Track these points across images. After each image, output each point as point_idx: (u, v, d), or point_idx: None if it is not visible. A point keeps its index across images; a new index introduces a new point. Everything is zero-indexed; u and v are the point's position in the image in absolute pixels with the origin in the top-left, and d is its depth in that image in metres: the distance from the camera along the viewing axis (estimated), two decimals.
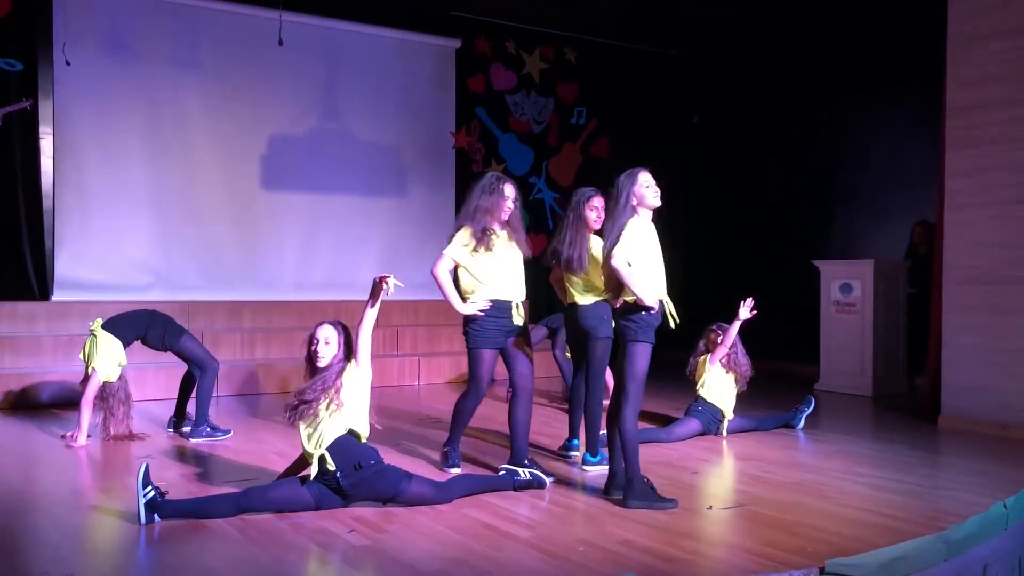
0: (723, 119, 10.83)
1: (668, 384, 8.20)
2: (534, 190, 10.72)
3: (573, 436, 5.31)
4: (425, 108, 10.05)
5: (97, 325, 5.44)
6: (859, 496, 4.31)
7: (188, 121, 8.75)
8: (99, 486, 4.48)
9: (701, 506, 4.16)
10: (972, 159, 6.21)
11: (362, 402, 3.96)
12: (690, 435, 5.72)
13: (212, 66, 8.85)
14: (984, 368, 6.15)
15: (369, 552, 3.35)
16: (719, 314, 6.26)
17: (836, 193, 9.69)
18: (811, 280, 8.63)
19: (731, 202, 10.71)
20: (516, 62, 10.56)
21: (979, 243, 6.21)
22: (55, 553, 3.32)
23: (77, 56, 8.09)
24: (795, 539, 3.54)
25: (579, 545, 3.44)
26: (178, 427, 5.79)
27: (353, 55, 9.56)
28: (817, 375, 8.42)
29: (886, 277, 8.14)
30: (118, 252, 8.40)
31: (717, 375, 5.92)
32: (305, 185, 9.31)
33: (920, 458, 5.33)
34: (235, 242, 8.99)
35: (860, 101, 9.43)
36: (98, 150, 8.32)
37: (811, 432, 6.08)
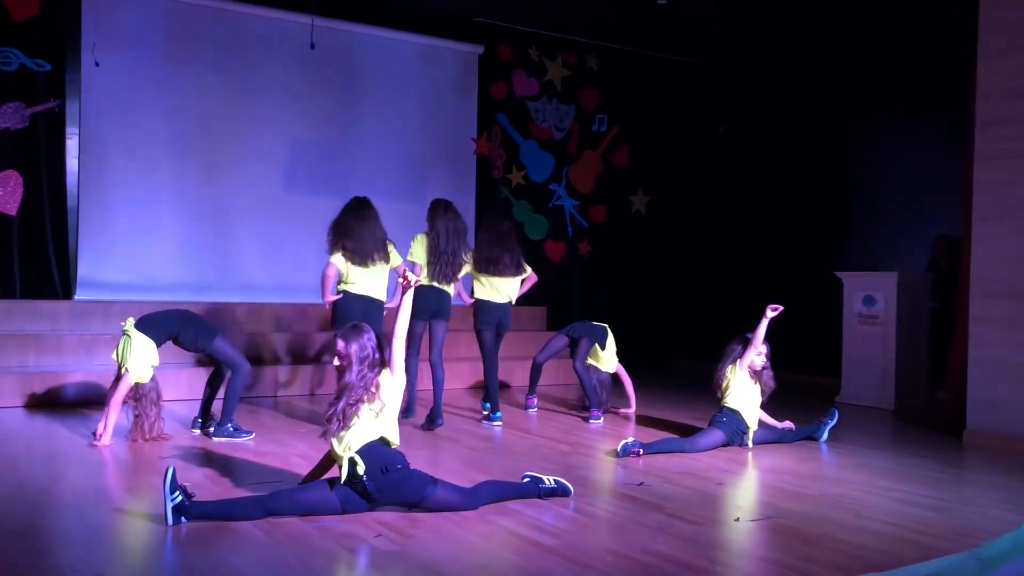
0: (746, 130, 10.80)
1: (691, 395, 8.19)
2: (554, 197, 10.71)
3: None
4: (447, 114, 10.06)
5: (130, 325, 5.46)
6: (885, 510, 4.27)
7: (212, 124, 8.79)
8: (125, 486, 4.50)
9: (728, 518, 4.14)
10: (1000, 172, 6.16)
11: (394, 410, 3.96)
12: (713, 446, 5.68)
13: (237, 69, 8.89)
14: (1010, 383, 6.10)
15: (395, 557, 3.34)
16: (742, 325, 6.22)
17: (859, 205, 9.65)
18: (833, 292, 8.59)
19: (754, 213, 10.67)
20: (538, 69, 10.57)
21: (1006, 257, 6.16)
22: (84, 552, 3.33)
23: (104, 57, 8.16)
24: (824, 552, 3.52)
25: (606, 555, 3.43)
26: (205, 427, 5.81)
27: (376, 60, 9.59)
28: (838, 387, 8.37)
29: (909, 290, 8.09)
30: (141, 253, 8.44)
31: (743, 382, 5.85)
32: (327, 189, 9.30)
33: (946, 473, 5.28)
34: (257, 245, 9.02)
35: (884, 113, 9.40)
36: (123, 151, 8.37)
37: (834, 445, 6.04)
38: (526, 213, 10.51)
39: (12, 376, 6.84)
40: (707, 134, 11.16)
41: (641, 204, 11.27)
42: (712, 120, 11.10)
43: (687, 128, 11.34)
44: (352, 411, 3.85)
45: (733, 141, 10.92)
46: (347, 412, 3.85)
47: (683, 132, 11.33)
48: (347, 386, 3.89)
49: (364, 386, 3.88)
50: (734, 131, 10.91)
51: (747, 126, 10.78)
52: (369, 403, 3.87)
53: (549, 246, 10.67)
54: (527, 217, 10.52)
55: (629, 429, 6.53)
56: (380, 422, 3.89)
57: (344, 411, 3.85)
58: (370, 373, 3.92)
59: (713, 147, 11.14)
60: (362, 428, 3.85)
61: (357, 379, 3.89)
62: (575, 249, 10.83)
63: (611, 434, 6.29)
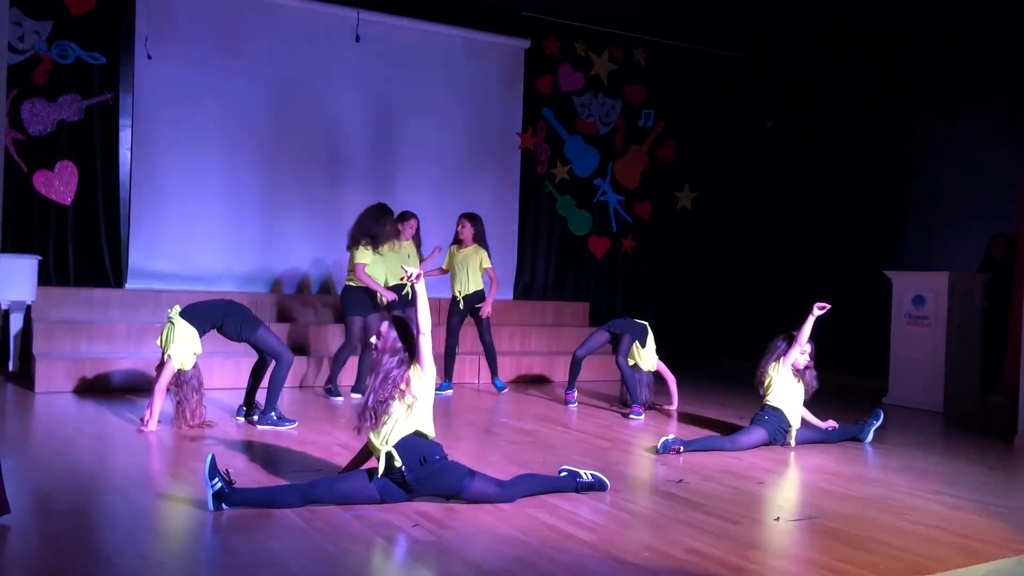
0: (795, 125, 10.64)
1: (735, 393, 8.10)
2: (599, 192, 10.67)
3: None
4: (492, 108, 10.07)
5: (175, 313, 5.55)
6: (931, 513, 4.18)
7: (261, 116, 8.92)
8: (169, 471, 4.58)
9: (768, 517, 4.08)
10: None
11: (428, 404, 3.97)
12: (755, 444, 5.61)
13: (286, 62, 9.00)
14: None
15: (433, 548, 3.35)
16: (788, 323, 6.13)
17: (910, 202, 9.45)
18: (882, 291, 8.43)
19: (802, 210, 10.52)
20: (584, 63, 10.53)
21: None
22: (127, 535, 3.39)
23: (156, 50, 8.32)
24: (867, 555, 3.45)
25: (643, 551, 3.40)
26: (249, 416, 5.89)
27: (422, 54, 9.63)
28: (885, 388, 8.22)
29: (961, 290, 7.90)
30: (190, 243, 8.59)
31: (787, 380, 5.76)
32: (371, 182, 9.40)
33: (995, 477, 5.16)
34: (304, 237, 9.13)
35: (937, 108, 9.18)
36: (173, 143, 8.53)
37: (879, 446, 5.93)
38: (570, 208, 10.49)
39: (63, 361, 7.00)
40: (755, 129, 11.01)
41: (687, 200, 11.18)
42: (760, 115, 10.95)
43: (734, 123, 11.21)
44: (382, 408, 3.87)
45: (781, 136, 10.77)
46: (377, 409, 3.87)
47: (730, 127, 11.21)
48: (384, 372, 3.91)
49: (393, 382, 3.89)
50: (783, 126, 10.74)
51: (796, 121, 10.62)
52: (400, 399, 3.88)
53: (593, 242, 10.63)
54: (571, 212, 10.50)
55: (671, 426, 6.48)
56: (414, 416, 3.90)
57: (375, 408, 3.87)
58: (397, 369, 3.92)
59: (761, 142, 10.99)
60: (397, 423, 3.86)
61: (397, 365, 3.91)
62: (619, 245, 10.78)
63: (652, 431, 6.25)
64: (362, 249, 7.06)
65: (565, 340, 9.32)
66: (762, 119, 10.85)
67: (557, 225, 10.44)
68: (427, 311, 3.94)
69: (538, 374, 8.75)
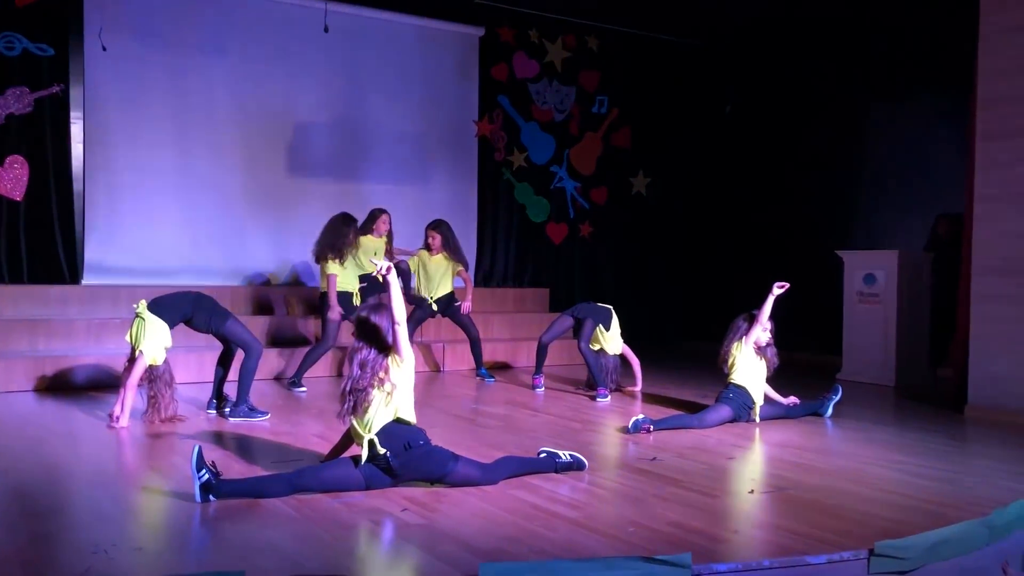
0: (750, 111, 10.83)
1: (694, 374, 8.29)
2: (556, 179, 10.76)
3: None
4: (448, 96, 10.09)
5: (143, 307, 5.51)
6: (895, 482, 4.37)
7: (216, 107, 8.82)
8: (149, 466, 4.56)
9: (742, 490, 4.23)
10: (1003, 151, 6.24)
11: (408, 391, 4.03)
12: (721, 421, 5.77)
13: (240, 53, 8.91)
14: (1011, 359, 6.20)
15: (424, 530, 3.42)
16: (744, 305, 6.30)
17: (860, 184, 9.72)
18: (835, 271, 8.68)
19: (756, 193, 10.73)
20: (539, 51, 10.59)
21: (1008, 234, 6.25)
22: (118, 528, 3.40)
23: (108, 41, 8.16)
24: (840, 522, 3.61)
25: (628, 525, 3.51)
26: (220, 408, 5.88)
27: (377, 43, 9.61)
28: (839, 365, 8.47)
29: (910, 268, 8.18)
30: (147, 237, 8.48)
31: (749, 359, 5.93)
32: (330, 172, 9.38)
33: (951, 446, 5.39)
34: (261, 228, 9.07)
35: (888, 94, 9.43)
36: (127, 135, 8.40)
37: (839, 420, 6.14)
38: (528, 195, 10.57)
39: (23, 360, 6.89)
40: (709, 115, 11.20)
41: (642, 185, 11.33)
42: (714, 101, 11.14)
43: (689, 109, 11.38)
44: (362, 396, 3.91)
45: (736, 122, 10.96)
46: (356, 396, 3.92)
47: (685, 113, 11.37)
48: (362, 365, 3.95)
49: (372, 371, 3.94)
50: (738, 112, 10.94)
51: (750, 107, 10.82)
52: (379, 387, 3.93)
53: (551, 228, 10.73)
54: (529, 199, 10.59)
55: (636, 407, 6.62)
56: (394, 403, 3.95)
57: (353, 394, 3.92)
58: (375, 358, 3.97)
59: (717, 128, 11.17)
60: (378, 411, 3.91)
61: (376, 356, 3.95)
62: (577, 231, 10.90)
63: (619, 411, 6.38)
64: (330, 262, 7.11)
65: (527, 326, 9.43)
66: (719, 105, 11.02)
67: (516, 212, 10.51)
68: (401, 302, 3.98)
69: (501, 361, 8.83)
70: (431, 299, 7.78)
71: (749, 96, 10.78)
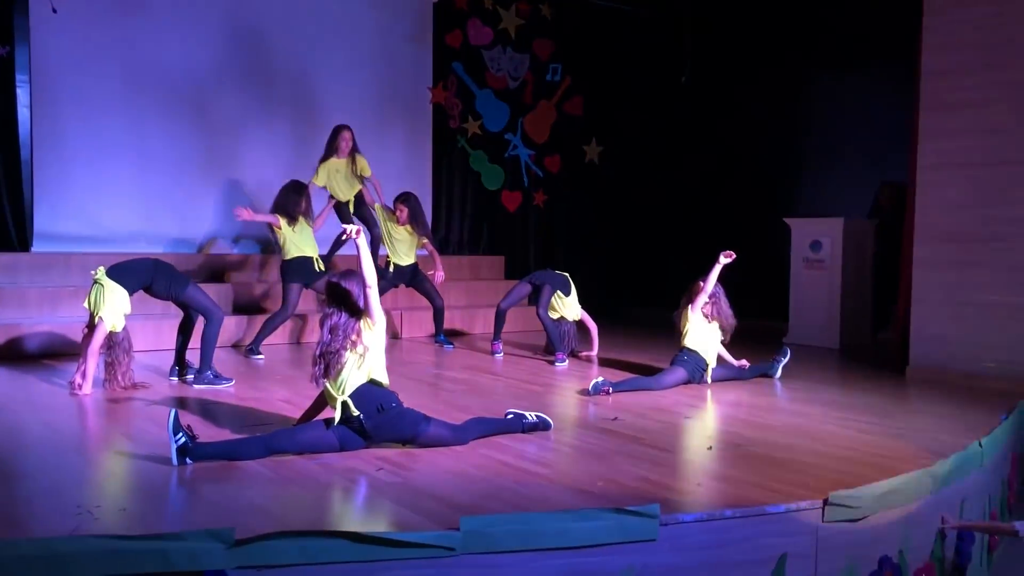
0: (703, 79, 10.97)
1: (646, 339, 8.50)
2: (510, 147, 10.83)
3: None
4: (403, 63, 10.06)
5: (101, 274, 5.47)
6: (845, 437, 4.60)
7: (168, 71, 8.67)
8: (119, 431, 4.57)
9: (701, 447, 4.42)
10: (946, 121, 6.49)
11: (380, 354, 4.11)
12: (676, 383, 5.97)
13: (193, 16, 8.76)
14: (950, 321, 6.50)
15: (402, 488, 3.53)
16: (694, 270, 6.49)
17: (807, 153, 9.97)
18: (782, 238, 8.93)
19: (706, 162, 10.90)
20: (493, 17, 10.60)
21: (949, 203, 6.52)
22: (99, 490, 3.45)
23: (55, 2, 7.95)
24: (795, 475, 3.81)
25: (597, 480, 3.66)
26: (182, 375, 5.88)
27: (331, 8, 9.52)
28: (786, 329, 8.75)
29: (854, 235, 8.47)
30: (98, 204, 8.33)
31: (699, 324, 6.13)
32: (284, 139, 9.32)
33: (894, 404, 5.66)
34: (215, 195, 8.98)
35: (833, 63, 9.65)
36: (77, 100, 8.21)
37: (787, 381, 6.38)
38: (483, 163, 10.62)
39: None
40: (663, 84, 11.31)
41: (594, 154, 11.46)
42: (668, 70, 11.25)
43: (642, 78, 11.49)
44: (334, 359, 3.99)
45: (688, 91, 11.09)
46: (329, 361, 4.00)
47: (638, 82, 11.48)
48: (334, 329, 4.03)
49: (344, 333, 4.02)
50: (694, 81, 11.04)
51: (704, 76, 10.96)
52: (352, 350, 4.01)
53: (505, 196, 10.81)
54: (484, 167, 10.64)
55: (593, 371, 6.78)
56: (367, 365, 4.04)
57: (325, 357, 4.00)
58: (347, 321, 4.05)
59: (668, 97, 11.30)
60: (352, 373, 4.00)
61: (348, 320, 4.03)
62: (531, 199, 11.00)
63: (577, 375, 6.55)
64: (284, 227, 7.08)
65: (484, 294, 9.53)
66: (673, 74, 11.12)
67: (471, 180, 10.57)
68: (371, 264, 4.06)
69: (458, 328, 8.93)
70: (392, 264, 7.89)
71: (702, 65, 10.93)
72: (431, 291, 8.01)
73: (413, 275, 7.97)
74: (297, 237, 7.11)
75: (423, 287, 8.02)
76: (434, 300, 8.04)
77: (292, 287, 7.14)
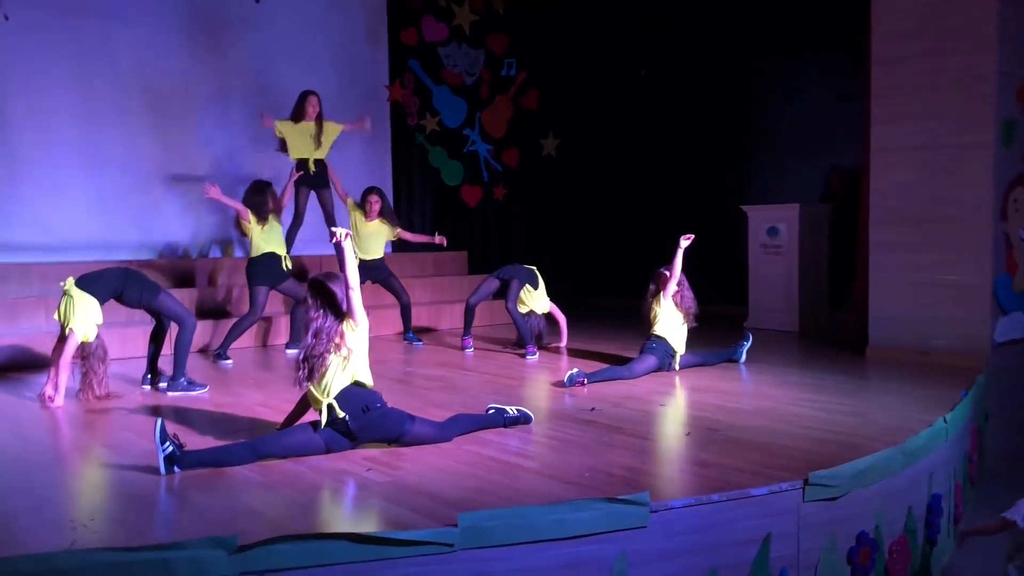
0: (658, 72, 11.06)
1: (611, 328, 8.61)
2: (468, 142, 10.86)
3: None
4: (359, 61, 10.03)
5: (70, 284, 5.41)
6: (814, 418, 4.75)
7: (121, 74, 8.56)
8: (99, 442, 4.53)
9: (679, 433, 4.53)
10: (896, 107, 6.69)
11: (364, 355, 4.15)
12: (648, 371, 6.09)
13: (146, 21, 8.64)
14: (906, 301, 6.71)
15: (393, 487, 3.57)
16: (655, 259, 6.61)
17: (762, 140, 10.16)
18: (740, 225, 9.10)
19: (664, 152, 11.05)
20: (446, 14, 10.62)
21: (901, 185, 6.73)
22: (90, 503, 3.44)
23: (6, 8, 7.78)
24: (773, 457, 3.93)
25: (584, 471, 3.75)
26: (155, 383, 5.84)
27: (285, 9, 9.45)
28: (746, 314, 8.94)
29: (810, 220, 8.67)
30: (54, 212, 8.19)
31: (669, 311, 6.25)
32: (242, 141, 9.24)
33: (857, 384, 5.85)
34: (174, 199, 8.89)
35: (784, 52, 9.82)
36: (28, 108, 8.06)
37: (752, 365, 6.54)
38: (442, 159, 10.65)
39: None
40: (618, 76, 11.42)
41: (552, 147, 11.55)
42: (623, 62, 11.35)
43: (597, 71, 11.59)
44: (318, 362, 4.02)
45: (644, 83, 11.20)
46: (312, 362, 4.03)
47: (593, 75, 11.58)
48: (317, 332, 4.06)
49: (328, 336, 4.04)
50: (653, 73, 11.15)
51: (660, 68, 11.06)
52: (336, 352, 4.04)
53: (466, 191, 10.86)
54: (443, 163, 10.67)
55: (563, 362, 6.88)
56: (351, 367, 4.08)
57: (309, 361, 4.03)
58: (330, 324, 4.08)
59: (624, 89, 11.42)
60: (336, 375, 4.03)
61: (332, 324, 4.05)
62: (491, 194, 11.06)
63: (549, 367, 6.64)
64: (253, 223, 7.04)
65: (448, 289, 9.57)
66: (627, 66, 11.22)
67: (430, 176, 10.59)
68: (355, 267, 4.10)
69: (425, 325, 8.96)
70: (358, 258, 7.86)
71: (660, 57, 11.04)
72: (397, 287, 8.03)
73: (380, 270, 7.98)
74: (266, 235, 7.07)
75: (389, 283, 8.03)
76: (400, 296, 8.06)
77: (259, 290, 7.11)
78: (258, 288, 7.10)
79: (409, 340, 8.02)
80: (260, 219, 7.02)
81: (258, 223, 7.01)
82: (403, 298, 8.05)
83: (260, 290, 7.10)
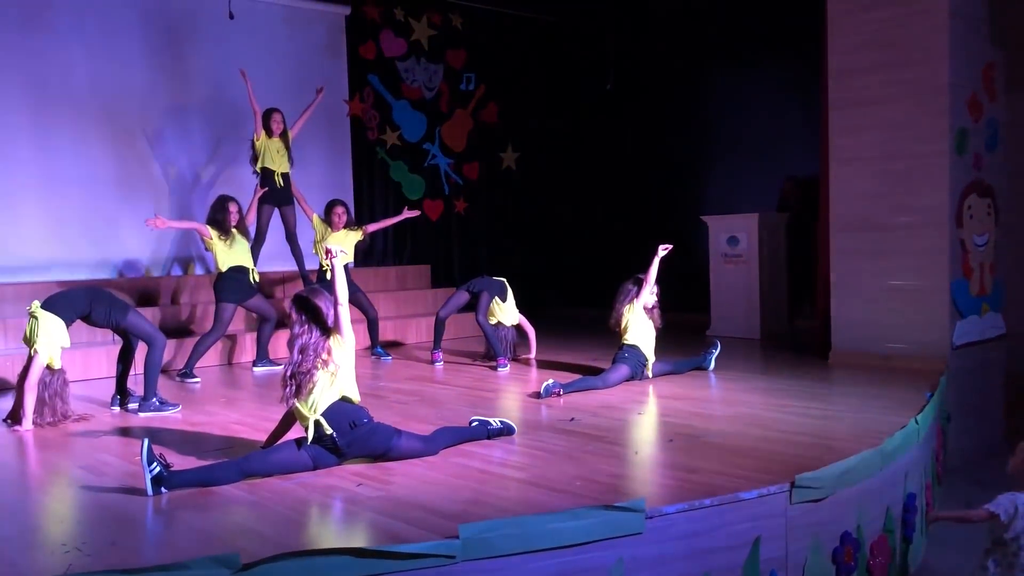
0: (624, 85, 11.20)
1: (577, 338, 8.68)
2: (429, 156, 10.88)
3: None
4: (318, 76, 9.91)
5: (36, 307, 5.30)
6: (789, 423, 4.85)
7: (77, 91, 8.42)
8: (76, 465, 4.43)
9: (661, 440, 4.59)
10: (853, 118, 6.87)
11: (350, 370, 4.14)
12: (621, 380, 6.15)
13: (100, 34, 8.52)
14: (866, 306, 6.87)
15: (387, 501, 3.57)
16: (620, 270, 6.69)
17: (719, 151, 10.35)
18: (700, 235, 9.25)
19: (624, 164, 11.18)
20: (405, 29, 10.64)
21: (860, 194, 6.90)
22: (78, 526, 3.37)
23: None
24: (755, 461, 4.01)
25: (574, 480, 3.78)
26: (124, 404, 5.74)
27: (243, 24, 9.38)
28: (708, 323, 9.08)
29: (768, 228, 8.85)
30: (7, 231, 8.03)
31: (640, 319, 6.33)
32: (202, 156, 9.15)
33: (826, 388, 5.99)
34: (132, 217, 8.71)
35: (737, 62, 10.05)
36: None
37: (720, 372, 6.65)
38: (403, 173, 10.65)
39: None
40: (575, 90, 11.54)
41: (511, 160, 11.62)
42: (579, 75, 11.48)
43: (554, 84, 11.70)
44: (306, 378, 4.00)
45: (604, 96, 11.31)
46: (300, 381, 4.01)
47: (550, 88, 11.70)
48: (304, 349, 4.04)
49: (315, 352, 4.03)
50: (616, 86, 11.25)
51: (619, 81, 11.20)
52: (323, 368, 4.03)
53: (427, 205, 10.86)
54: (404, 177, 10.67)
55: (534, 373, 6.92)
56: (338, 383, 4.07)
57: (296, 378, 4.01)
58: (318, 340, 4.06)
59: (582, 102, 11.54)
60: (323, 391, 4.01)
61: (318, 340, 4.04)
62: (452, 207, 11.08)
63: (521, 379, 6.67)
64: (216, 239, 6.96)
65: (412, 303, 9.56)
66: (589, 80, 11.33)
67: (392, 191, 10.58)
68: (344, 283, 4.10)
69: (391, 339, 8.93)
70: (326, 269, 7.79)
71: (618, 70, 11.18)
72: (364, 302, 8.00)
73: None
74: (230, 249, 6.98)
75: (356, 298, 7.98)
76: (367, 311, 8.03)
77: (226, 307, 7.02)
78: (225, 305, 7.01)
79: (378, 355, 7.99)
80: (222, 234, 6.94)
81: (220, 238, 6.93)
82: (371, 312, 8.03)
83: (227, 307, 7.02)
